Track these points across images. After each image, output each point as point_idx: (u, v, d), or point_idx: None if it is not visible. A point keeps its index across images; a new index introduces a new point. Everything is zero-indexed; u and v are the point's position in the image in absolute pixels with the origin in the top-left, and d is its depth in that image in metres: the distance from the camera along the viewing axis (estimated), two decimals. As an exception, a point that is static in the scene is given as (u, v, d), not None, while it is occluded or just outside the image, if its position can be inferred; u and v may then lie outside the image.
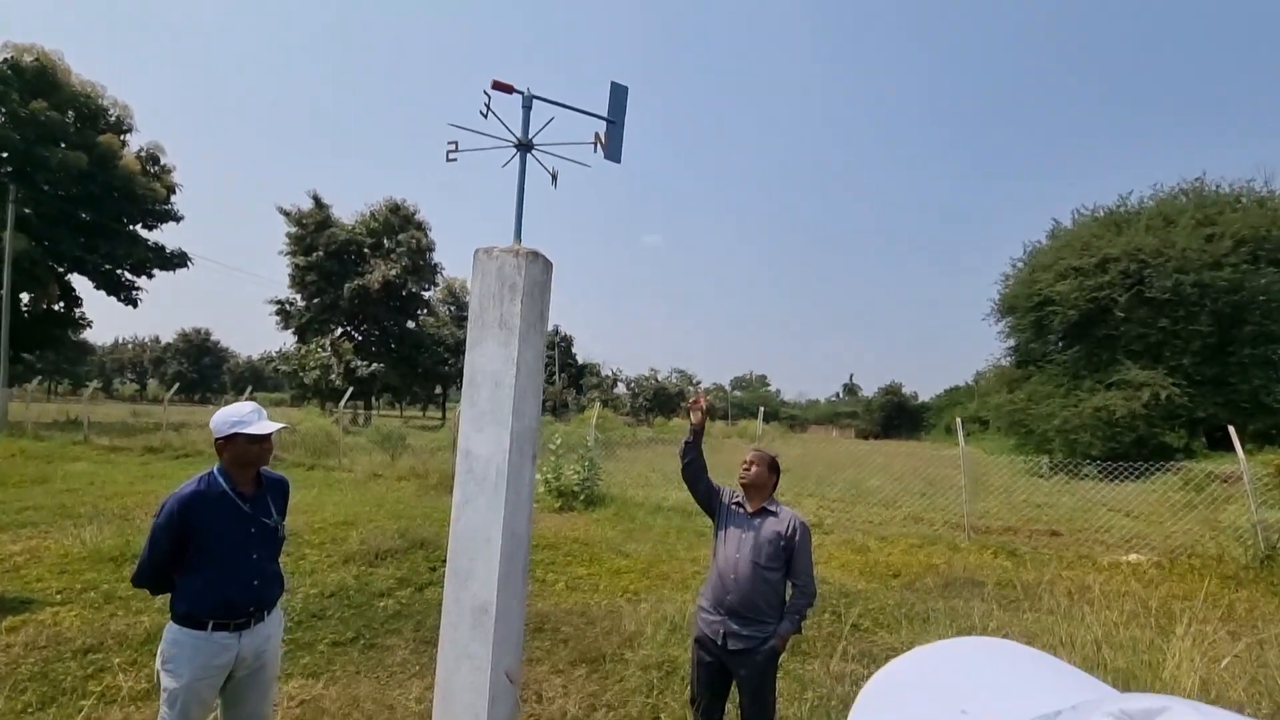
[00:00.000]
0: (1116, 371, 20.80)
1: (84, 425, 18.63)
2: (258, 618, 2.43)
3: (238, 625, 2.36)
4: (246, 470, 2.47)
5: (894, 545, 8.46)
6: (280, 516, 2.59)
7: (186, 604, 2.30)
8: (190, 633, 2.28)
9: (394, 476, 12.90)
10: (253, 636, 2.40)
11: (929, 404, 69.32)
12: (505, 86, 2.73)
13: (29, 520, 7.52)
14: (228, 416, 2.40)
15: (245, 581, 2.39)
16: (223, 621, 2.32)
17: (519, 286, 2.57)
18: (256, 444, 2.44)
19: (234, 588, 2.36)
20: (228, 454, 2.41)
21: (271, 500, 2.55)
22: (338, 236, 35.27)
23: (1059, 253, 23.79)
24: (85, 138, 24.06)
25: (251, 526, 2.44)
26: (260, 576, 2.45)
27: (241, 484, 2.45)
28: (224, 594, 2.33)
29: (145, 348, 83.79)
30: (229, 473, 2.43)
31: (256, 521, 2.45)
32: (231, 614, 2.34)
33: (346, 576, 5.94)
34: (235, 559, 2.37)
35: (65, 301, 26.41)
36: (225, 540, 2.36)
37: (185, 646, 2.28)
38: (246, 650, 2.38)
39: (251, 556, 2.42)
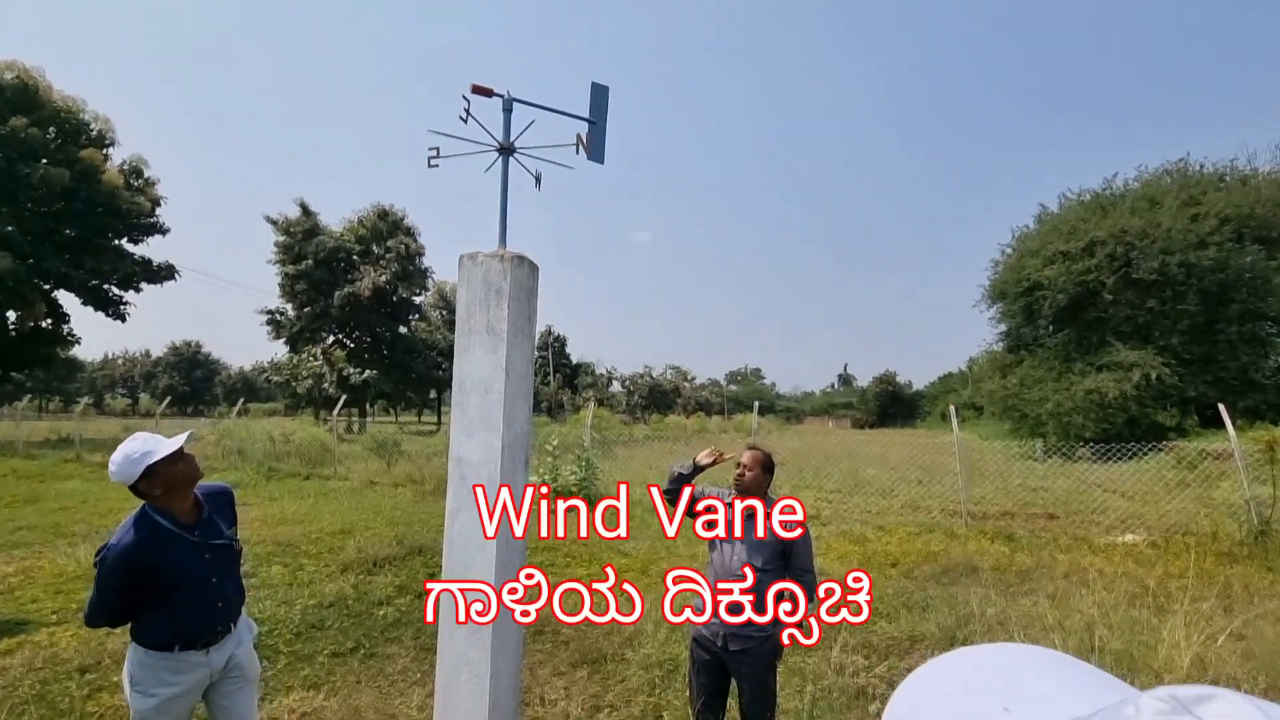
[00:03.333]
0: (1107, 353, 20.96)
1: (76, 443, 18.49)
2: (225, 632, 2.43)
3: (205, 644, 2.35)
4: (183, 495, 2.34)
5: (891, 534, 8.50)
6: (230, 527, 2.51)
7: (150, 634, 2.27)
8: (156, 654, 2.26)
9: (390, 483, 12.85)
10: (221, 650, 2.40)
11: (923, 392, 69.68)
12: (485, 90, 2.72)
13: (22, 540, 7.46)
14: (129, 457, 2.21)
15: (209, 607, 2.36)
16: (190, 644, 2.30)
17: (505, 291, 2.56)
18: (178, 463, 2.29)
19: (198, 615, 2.33)
20: (157, 489, 2.25)
21: (218, 518, 2.46)
22: (326, 244, 35.08)
23: (1046, 238, 23.91)
24: (67, 153, 23.81)
25: (205, 554, 2.36)
26: (222, 598, 2.41)
27: (181, 515, 2.32)
28: (188, 623, 2.30)
29: (136, 362, 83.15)
30: (165, 509, 2.29)
31: (209, 547, 2.37)
32: (199, 637, 2.33)
33: (345, 586, 5.92)
34: (195, 590, 2.31)
35: (52, 319, 26.16)
36: (181, 575, 2.28)
37: (152, 668, 2.25)
38: (217, 663, 2.39)
39: (211, 581, 2.37)
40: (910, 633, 4.75)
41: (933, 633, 4.68)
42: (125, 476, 2.22)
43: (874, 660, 4.29)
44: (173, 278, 27.95)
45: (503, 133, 2.76)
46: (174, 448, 2.26)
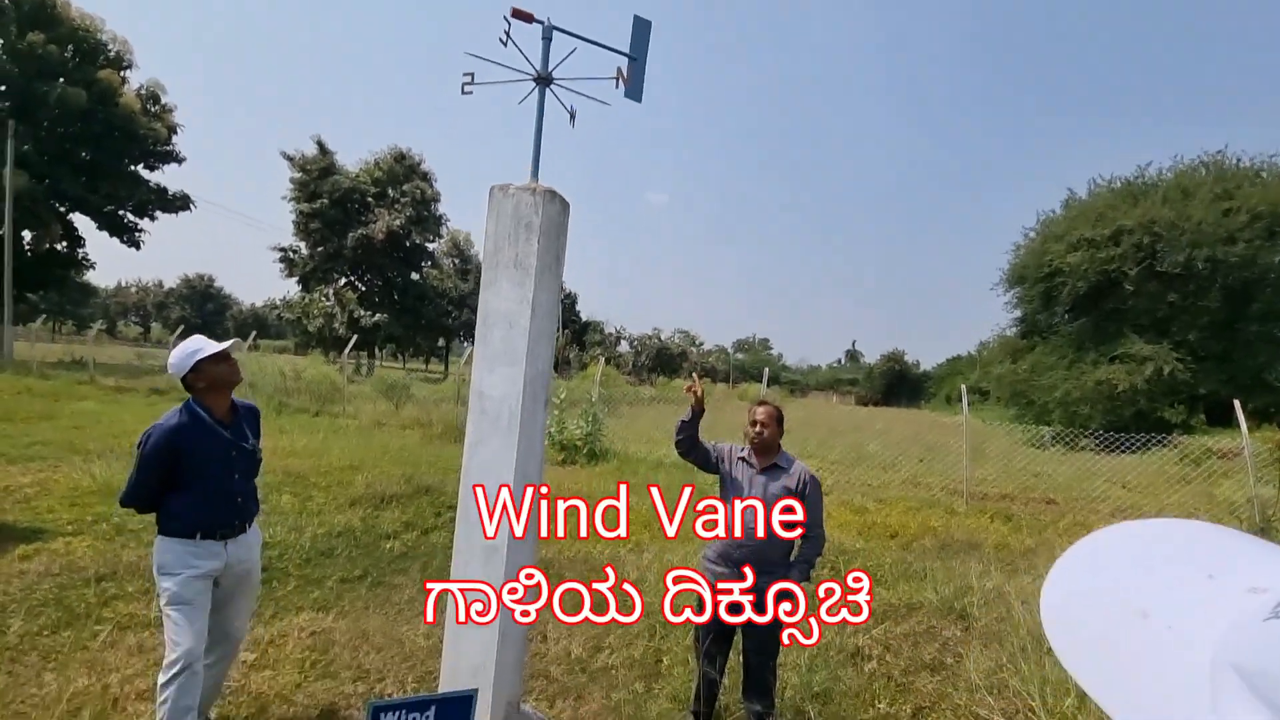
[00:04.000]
0: (1121, 345, 20.72)
1: (90, 365, 18.72)
2: (241, 530, 2.68)
3: (223, 535, 2.60)
4: (222, 395, 2.66)
5: (892, 507, 8.56)
6: (255, 439, 2.81)
7: (177, 521, 2.53)
8: (180, 541, 2.52)
9: (398, 425, 13.00)
10: (237, 546, 2.65)
11: (930, 373, 69.40)
12: (525, 15, 2.61)
13: (38, 454, 7.61)
14: (183, 353, 2.58)
15: (229, 499, 2.63)
16: (210, 532, 2.56)
17: (535, 225, 2.51)
18: (222, 363, 2.63)
19: (219, 505, 2.60)
20: (202, 383, 2.59)
21: (247, 425, 2.77)
22: (342, 184, 34.78)
23: (1072, 223, 23.39)
24: (84, 74, 23.49)
25: (232, 450, 2.65)
26: (242, 494, 2.69)
27: (219, 412, 2.65)
28: (210, 511, 2.57)
29: (149, 291, 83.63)
30: (205, 403, 2.61)
31: (236, 446, 2.67)
32: (218, 527, 2.58)
33: (353, 518, 6.03)
34: (219, 480, 2.60)
35: (68, 241, 26.23)
36: (210, 464, 2.58)
37: (177, 554, 2.51)
38: (233, 557, 2.63)
39: (234, 477, 2.65)
40: (908, 600, 4.82)
41: (930, 600, 4.74)
42: (179, 368, 2.57)
43: (871, 623, 4.35)
44: (188, 208, 27.86)
45: (541, 62, 2.66)
46: (220, 349, 2.61)
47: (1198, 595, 0.36)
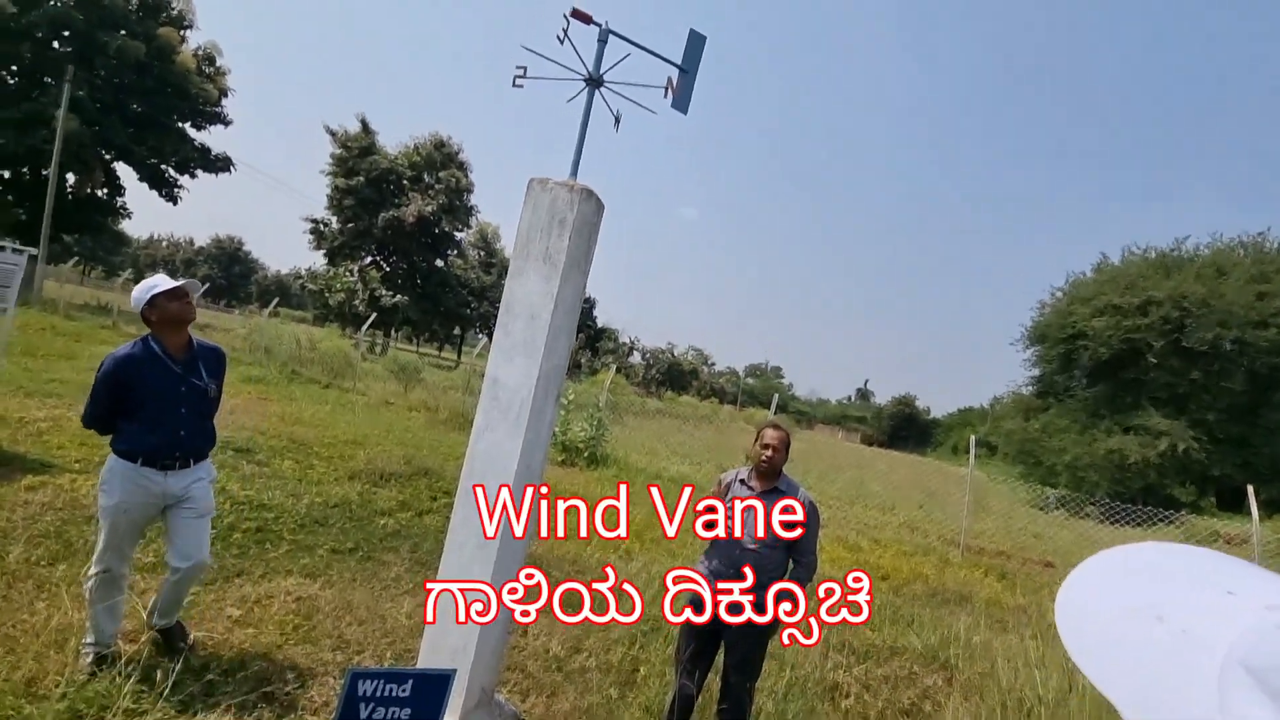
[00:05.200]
0: (1138, 416, 20.46)
1: (113, 311, 19.06)
2: (183, 463, 2.77)
3: (164, 465, 2.71)
4: (177, 331, 2.77)
5: (886, 549, 8.48)
6: (212, 379, 2.89)
7: (123, 443, 2.68)
8: (123, 463, 2.66)
9: (405, 406, 13.09)
10: (179, 478, 2.76)
11: (940, 420, 68.83)
12: (584, 16, 2.67)
13: (54, 391, 7.75)
14: (142, 288, 2.73)
15: (172, 431, 2.72)
16: (151, 459, 2.67)
17: (569, 222, 2.54)
18: (176, 300, 2.73)
19: (162, 435, 2.69)
20: (155, 318, 2.71)
21: (203, 365, 2.86)
22: (380, 164, 35.25)
23: (1101, 288, 23.21)
24: (146, 28, 24.05)
25: (181, 385, 2.75)
26: (186, 428, 2.77)
27: (173, 348, 2.76)
28: (152, 439, 2.68)
29: (179, 247, 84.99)
30: (160, 338, 2.74)
31: (186, 381, 2.77)
32: (159, 456, 2.69)
33: (350, 492, 6.08)
34: (164, 411, 2.71)
35: (109, 189, 26.74)
36: (156, 395, 2.69)
37: (117, 474, 2.66)
38: (173, 488, 2.74)
39: (179, 411, 2.75)
40: (892, 643, 4.76)
41: (914, 646, 4.69)
42: (137, 302, 2.74)
43: (852, 661, 4.31)
44: (228, 170, 28.33)
45: (594, 63, 2.72)
46: (172, 285, 2.73)
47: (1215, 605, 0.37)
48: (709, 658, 2.94)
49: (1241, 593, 0.37)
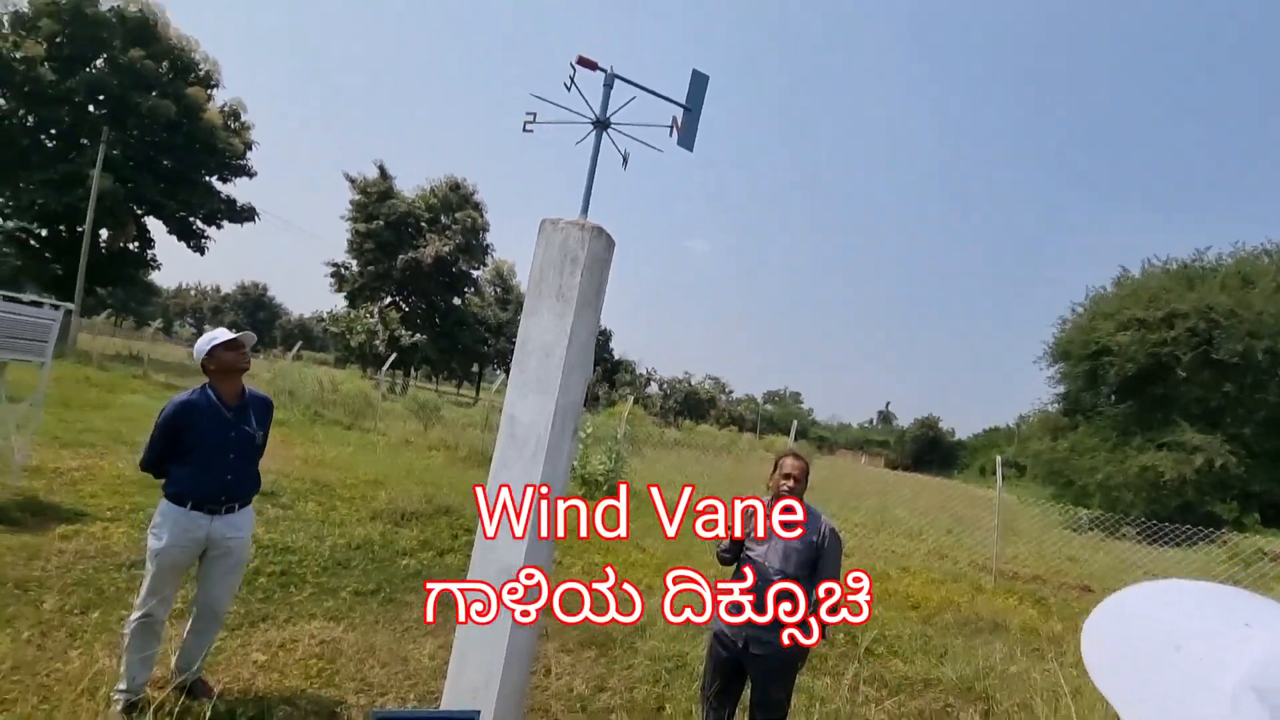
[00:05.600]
0: (1170, 432, 19.88)
1: (144, 361, 19.59)
2: (229, 507, 2.90)
3: (211, 509, 2.83)
4: (232, 380, 2.95)
5: (915, 577, 8.27)
6: (261, 428, 3.05)
7: (173, 486, 2.81)
8: (173, 507, 2.79)
9: (425, 445, 13.19)
10: (223, 523, 2.87)
11: (965, 442, 67.50)
12: (589, 63, 2.78)
13: (87, 441, 7.94)
14: (204, 340, 2.93)
15: (220, 475, 2.86)
16: (200, 504, 2.80)
17: (580, 260, 2.61)
18: (232, 350, 2.92)
19: (211, 478, 2.84)
20: (214, 367, 2.90)
21: (253, 413, 3.02)
22: (398, 208, 36.24)
23: (1123, 302, 22.82)
24: (175, 88, 25.23)
25: (231, 431, 2.91)
26: (234, 473, 2.91)
27: (228, 396, 2.94)
28: (201, 483, 2.82)
29: (206, 295, 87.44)
30: (217, 387, 2.92)
31: (237, 428, 2.93)
32: (207, 500, 2.82)
33: (372, 532, 6.11)
34: (214, 456, 2.86)
35: (140, 242, 27.76)
36: (207, 440, 2.85)
37: (168, 517, 2.78)
38: (216, 533, 2.85)
39: (228, 456, 2.89)
40: (925, 675, 4.63)
41: (948, 678, 4.55)
42: (198, 353, 2.92)
43: (884, 694, 4.19)
44: (252, 219, 29.30)
45: (600, 107, 2.81)
46: (230, 337, 2.94)
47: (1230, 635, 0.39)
48: (735, 694, 2.88)
49: (1257, 624, 0.39)
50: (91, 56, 23.74)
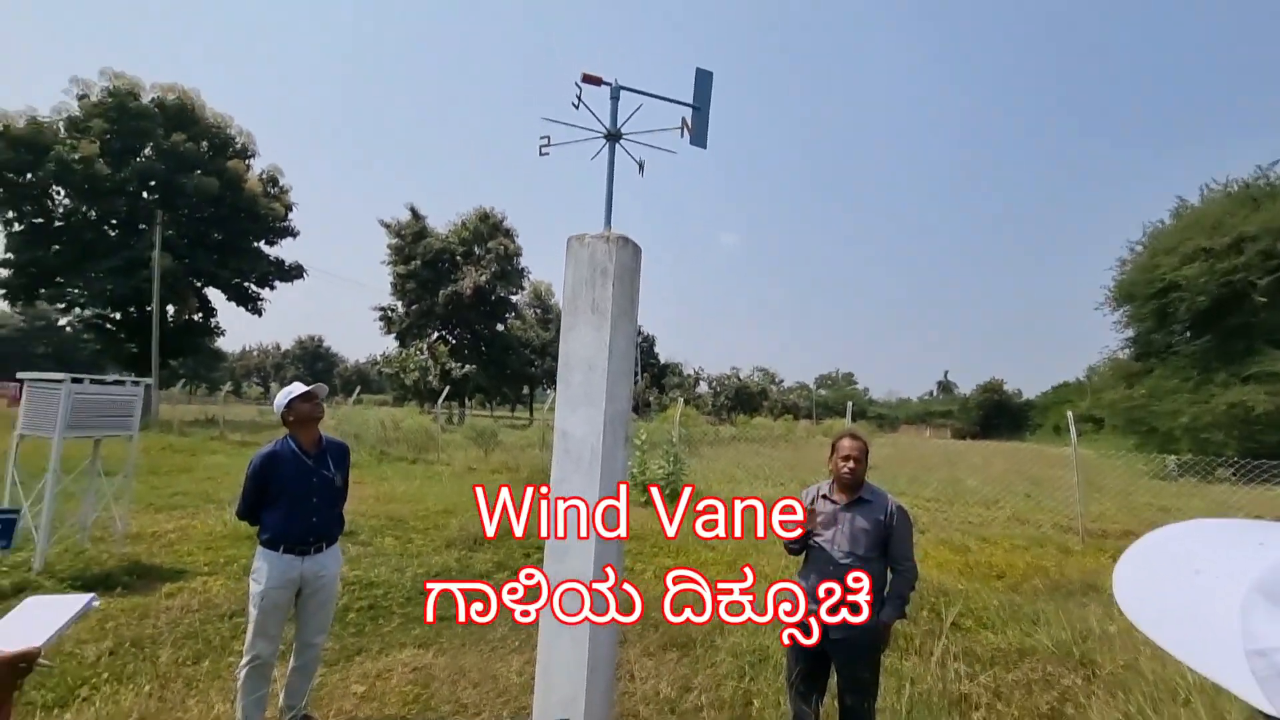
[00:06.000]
0: (1256, 362, 18.59)
1: (219, 423, 20.73)
2: (317, 547, 3.10)
3: (301, 550, 3.04)
4: (309, 429, 3.17)
5: (996, 546, 8.00)
6: (339, 471, 3.25)
7: (266, 532, 3.02)
8: (268, 553, 3.00)
9: (488, 470, 13.51)
10: (313, 562, 3.07)
11: (1034, 402, 64.60)
12: (594, 79, 2.85)
13: (178, 504, 8.48)
14: (282, 394, 3.17)
15: (306, 518, 3.06)
16: (291, 546, 3.01)
17: (610, 271, 2.67)
18: (307, 401, 3.15)
19: (298, 522, 3.04)
20: (292, 419, 3.12)
21: (331, 459, 3.23)
22: (433, 246, 37.33)
23: (1184, 233, 21.52)
24: (216, 164, 26.75)
25: (313, 478, 3.12)
26: (319, 515, 3.11)
27: (306, 444, 3.16)
28: (291, 527, 3.02)
29: (268, 354, 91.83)
30: (295, 437, 3.15)
31: (317, 474, 3.14)
32: (295, 541, 3.02)
33: (449, 559, 6.31)
34: (299, 501, 3.06)
35: (203, 313, 29.44)
36: (291, 487, 3.05)
37: (264, 561, 2.99)
38: (309, 572, 3.05)
39: (312, 500, 3.09)
40: (1019, 645, 4.48)
41: (1044, 646, 4.39)
42: (278, 407, 3.16)
43: (977, 669, 4.08)
44: (301, 276, 30.68)
45: (610, 119, 2.88)
46: (304, 390, 3.19)
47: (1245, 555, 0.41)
48: (821, 680, 2.87)
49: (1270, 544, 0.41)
50: (139, 147, 25.40)
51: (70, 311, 27.95)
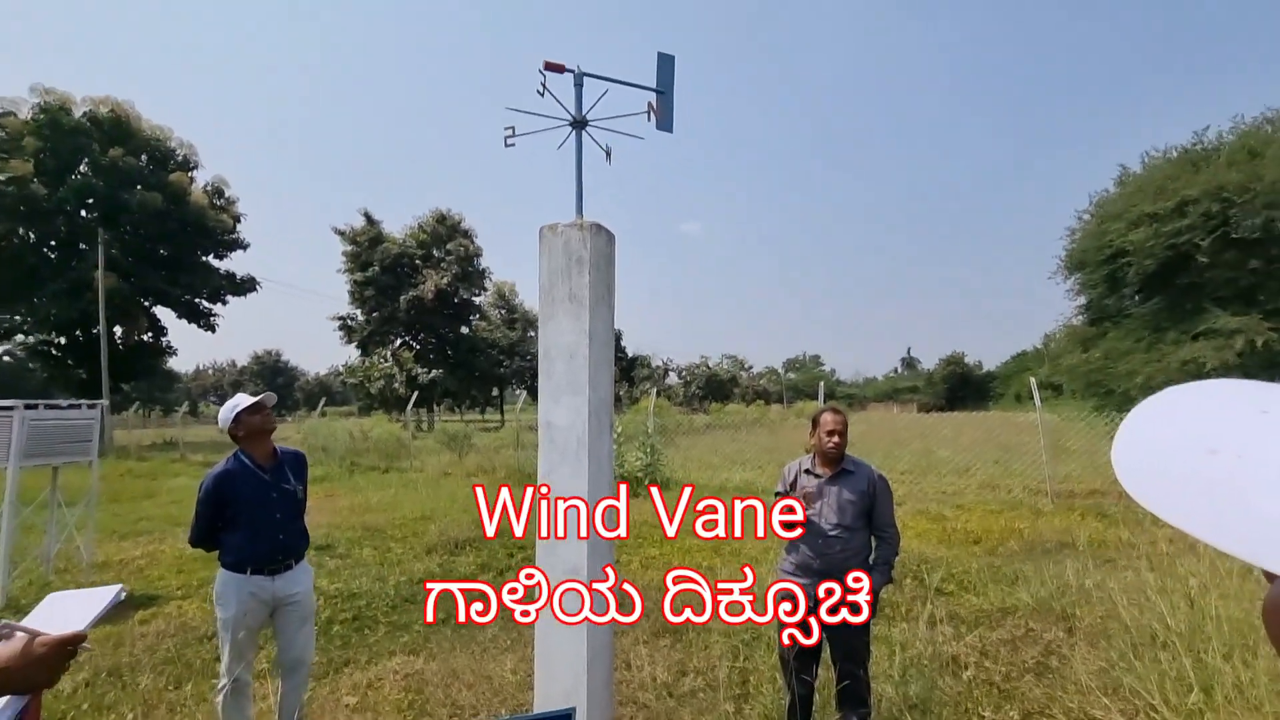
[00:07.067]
0: (1204, 320, 19.44)
1: (179, 445, 20.03)
2: (286, 565, 2.94)
3: (270, 570, 2.88)
4: (261, 442, 2.98)
5: (971, 513, 8.23)
6: (299, 482, 3.08)
7: (230, 555, 2.85)
8: (234, 575, 2.83)
9: (463, 474, 13.35)
10: (285, 580, 2.92)
11: (995, 373, 66.59)
12: (557, 66, 2.80)
13: (144, 529, 8.17)
14: (226, 409, 2.96)
15: (272, 536, 2.90)
16: (259, 567, 2.84)
17: (585, 259, 2.64)
18: (256, 414, 2.95)
19: (263, 541, 2.87)
20: (242, 433, 2.92)
21: (290, 470, 3.05)
22: (390, 251, 36.55)
23: (1130, 200, 22.32)
24: (158, 178, 25.76)
25: (273, 492, 2.94)
26: (284, 531, 2.96)
27: (260, 458, 2.96)
28: (256, 547, 2.86)
29: (224, 371, 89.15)
30: (248, 452, 2.94)
31: (277, 488, 2.96)
32: (264, 561, 2.86)
33: (431, 565, 6.21)
34: (262, 519, 2.88)
35: (153, 332, 28.38)
36: (253, 505, 2.87)
37: (230, 585, 2.83)
38: (281, 591, 2.90)
39: (275, 516, 2.92)
40: (1001, 605, 4.61)
41: (1025, 603, 4.53)
42: (224, 422, 2.95)
43: (964, 630, 4.19)
44: (254, 289, 29.81)
45: (575, 107, 2.84)
46: (251, 401, 2.97)
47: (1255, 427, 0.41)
48: (815, 653, 2.90)
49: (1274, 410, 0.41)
50: (75, 164, 24.29)
51: (12, 339, 26.67)
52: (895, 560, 2.84)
